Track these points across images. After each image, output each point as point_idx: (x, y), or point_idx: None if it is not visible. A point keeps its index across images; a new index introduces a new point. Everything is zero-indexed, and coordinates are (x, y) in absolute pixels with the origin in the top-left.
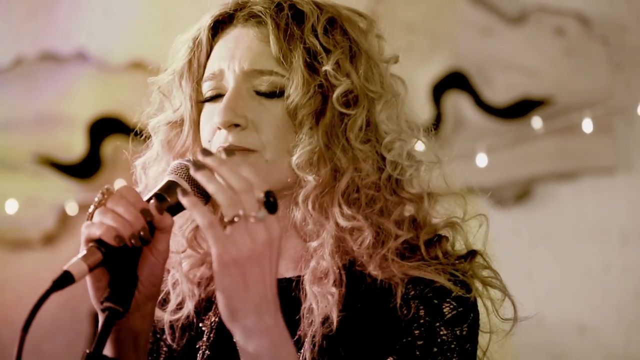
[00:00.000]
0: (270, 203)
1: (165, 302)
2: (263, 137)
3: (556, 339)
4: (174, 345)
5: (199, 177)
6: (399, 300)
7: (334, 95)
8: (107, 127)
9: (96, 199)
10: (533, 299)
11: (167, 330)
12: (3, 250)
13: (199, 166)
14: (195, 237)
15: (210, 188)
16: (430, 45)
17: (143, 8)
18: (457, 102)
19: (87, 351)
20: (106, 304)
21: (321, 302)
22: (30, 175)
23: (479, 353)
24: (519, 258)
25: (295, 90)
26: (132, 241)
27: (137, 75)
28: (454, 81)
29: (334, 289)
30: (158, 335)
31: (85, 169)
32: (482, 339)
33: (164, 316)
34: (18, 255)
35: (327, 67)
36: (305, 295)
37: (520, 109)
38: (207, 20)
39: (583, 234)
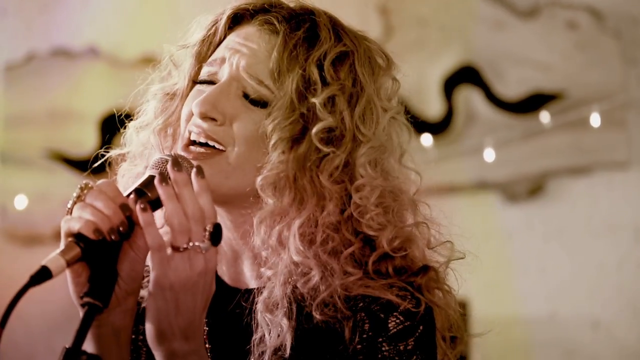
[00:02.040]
0: (216, 236)
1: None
2: (235, 137)
3: (569, 335)
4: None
5: (161, 191)
6: (347, 341)
7: (314, 129)
8: (118, 123)
9: (74, 194)
10: (546, 295)
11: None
12: (14, 245)
13: (164, 178)
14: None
15: (167, 207)
16: (441, 40)
17: (154, 3)
18: (469, 97)
19: (66, 346)
20: (85, 299)
21: (273, 332)
22: (41, 170)
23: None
24: (532, 253)
25: (277, 111)
26: (111, 236)
27: (149, 71)
28: (466, 75)
29: (285, 321)
30: (136, 336)
31: (94, 159)
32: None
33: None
34: (29, 251)
35: (317, 100)
36: (257, 323)
37: (532, 104)
38: (229, 9)
39: (596, 229)
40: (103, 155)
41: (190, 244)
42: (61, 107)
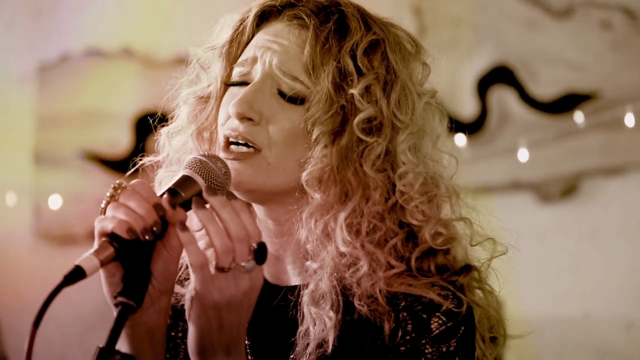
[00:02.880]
0: (260, 254)
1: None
2: (272, 136)
3: (603, 336)
4: None
5: (200, 215)
6: (387, 337)
7: (355, 120)
8: (151, 123)
9: (108, 194)
10: (580, 296)
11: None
12: (49, 245)
13: (200, 204)
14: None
15: (209, 229)
16: (475, 40)
17: (188, 3)
18: (503, 97)
19: (100, 346)
20: (119, 299)
21: (318, 326)
22: (75, 170)
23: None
24: (565, 254)
25: (317, 105)
26: (145, 235)
27: (182, 71)
28: (499, 75)
29: (331, 313)
30: (175, 334)
31: (130, 164)
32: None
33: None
34: (64, 251)
35: (354, 91)
36: (303, 315)
37: (566, 104)
38: (255, 7)
39: (630, 230)
40: (137, 163)
41: (234, 264)
42: (95, 108)
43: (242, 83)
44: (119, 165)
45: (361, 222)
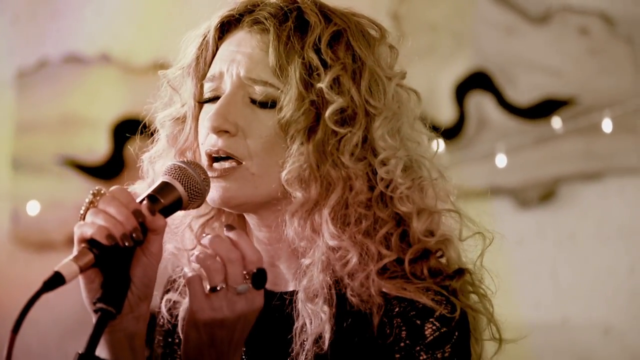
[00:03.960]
0: (258, 279)
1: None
2: (251, 146)
3: (581, 341)
4: None
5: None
6: (375, 329)
7: (327, 113)
8: (130, 129)
9: (87, 200)
10: (558, 300)
11: (180, 328)
12: (27, 251)
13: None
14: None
15: (197, 255)
16: (453, 45)
17: (166, 9)
18: (480, 102)
19: (79, 352)
20: (98, 305)
21: (314, 321)
22: (53, 176)
23: None
24: (543, 259)
25: (288, 105)
26: (124, 241)
27: (161, 77)
28: (477, 81)
29: (325, 308)
30: (172, 340)
31: (109, 170)
32: (490, 347)
33: (179, 313)
34: (42, 257)
35: (322, 84)
36: (298, 313)
37: (544, 109)
38: (215, 20)
39: (608, 235)
40: (118, 169)
41: (224, 285)
42: (73, 113)
43: (215, 98)
44: (97, 171)
45: (347, 213)
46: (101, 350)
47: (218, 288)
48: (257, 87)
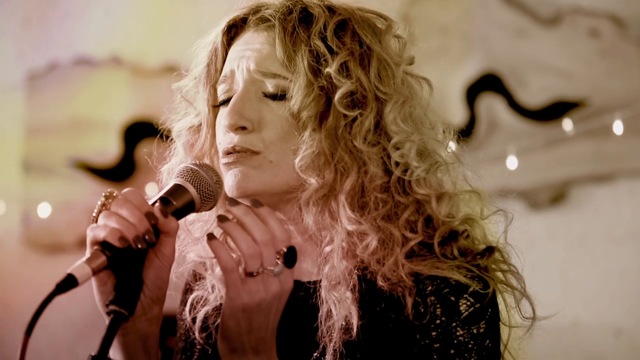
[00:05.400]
0: (290, 257)
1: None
2: (266, 138)
3: (592, 343)
4: (207, 347)
5: (224, 227)
6: (409, 311)
7: (336, 97)
8: (141, 131)
9: (99, 203)
10: (568, 302)
11: (197, 331)
12: (38, 253)
13: (222, 219)
14: (225, 240)
15: (234, 236)
16: (463, 48)
17: (176, 12)
18: (491, 105)
19: (92, 354)
20: (111, 307)
21: (339, 306)
22: (65, 179)
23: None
24: (554, 261)
25: (297, 92)
26: (137, 244)
27: (171, 79)
28: (488, 83)
29: (348, 294)
30: (191, 334)
31: (119, 172)
32: (503, 332)
33: (199, 315)
34: (52, 259)
35: (330, 69)
36: (323, 300)
37: (555, 111)
38: (222, 25)
39: (619, 237)
40: (129, 171)
41: (262, 268)
42: (84, 116)
43: (228, 100)
44: (108, 174)
45: (365, 198)
46: (114, 353)
47: (255, 273)
48: (267, 81)
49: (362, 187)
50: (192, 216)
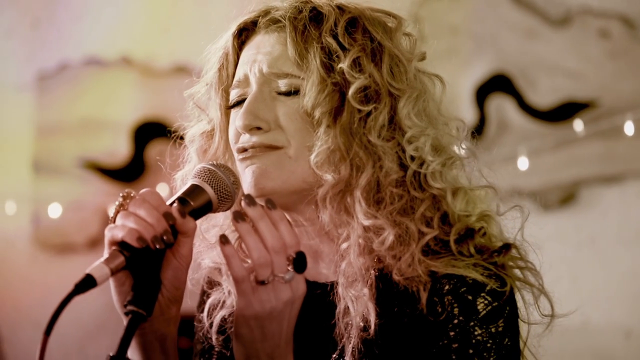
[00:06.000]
0: (300, 263)
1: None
2: (287, 133)
3: (601, 344)
4: (225, 350)
5: (238, 228)
6: (424, 306)
7: (350, 92)
8: (151, 131)
9: (117, 203)
10: (578, 303)
11: (214, 334)
12: (48, 254)
13: (239, 217)
14: (240, 246)
15: (247, 242)
16: (473, 48)
17: (186, 13)
18: (501, 105)
19: (110, 354)
20: (129, 308)
21: (356, 303)
22: (74, 179)
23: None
24: (564, 262)
25: (311, 89)
26: (155, 244)
27: (181, 80)
28: (498, 84)
29: (365, 290)
30: (209, 338)
31: (129, 172)
32: (522, 330)
33: (216, 319)
34: (63, 259)
35: (343, 65)
36: (340, 298)
37: (565, 112)
38: (232, 29)
39: (629, 238)
40: (139, 171)
41: (272, 276)
42: (94, 116)
43: (242, 101)
44: (118, 174)
45: (380, 193)
46: (132, 353)
47: (265, 281)
48: (280, 81)
49: (377, 182)
50: (206, 224)
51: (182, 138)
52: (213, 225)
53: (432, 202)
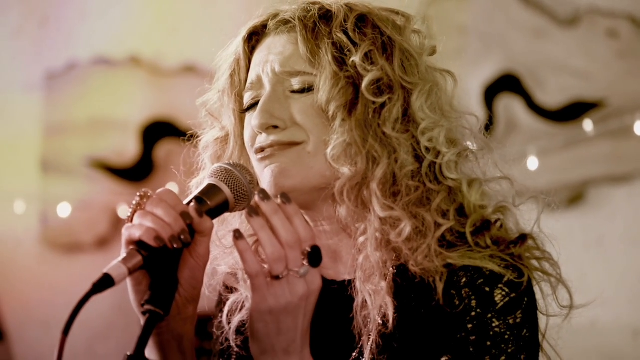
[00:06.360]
0: (315, 257)
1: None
2: (305, 129)
3: (610, 343)
4: (243, 352)
5: (252, 223)
6: (440, 297)
7: (363, 85)
8: (159, 131)
9: (134, 202)
10: (586, 303)
11: (232, 336)
12: (56, 253)
13: (253, 211)
14: (257, 251)
15: (261, 237)
16: (482, 48)
17: (194, 12)
18: (509, 105)
19: (128, 354)
20: (147, 307)
21: (374, 297)
22: (83, 178)
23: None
24: (572, 261)
25: (324, 84)
26: (173, 243)
27: (190, 79)
28: (506, 84)
29: (383, 284)
30: (228, 340)
31: (137, 172)
32: (541, 322)
33: (234, 320)
34: (71, 258)
35: (355, 58)
36: (357, 292)
37: (573, 112)
38: (242, 33)
39: (637, 238)
40: (147, 171)
41: (287, 271)
42: (102, 116)
43: (256, 104)
44: (126, 173)
45: (396, 185)
46: (150, 352)
47: (280, 276)
48: (293, 79)
49: (393, 174)
50: (223, 230)
51: (190, 139)
52: (230, 231)
53: (448, 194)
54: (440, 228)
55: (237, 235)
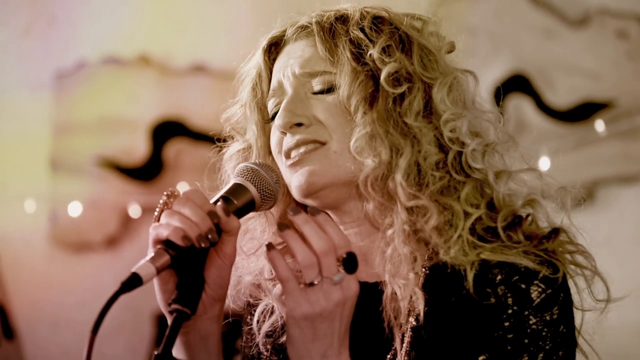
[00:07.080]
0: (350, 263)
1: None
2: (328, 128)
3: (617, 343)
4: (273, 357)
5: (283, 235)
6: (471, 286)
7: (382, 77)
8: (169, 130)
9: (161, 202)
10: (594, 302)
11: (261, 343)
12: (66, 252)
13: (283, 227)
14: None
15: (293, 246)
16: (491, 48)
17: (204, 11)
18: (519, 105)
19: (156, 353)
20: (174, 306)
21: (404, 288)
22: (93, 178)
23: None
24: None
25: (344, 80)
26: (200, 242)
27: (199, 78)
28: (516, 84)
29: (411, 275)
30: (257, 346)
31: (147, 171)
32: (576, 317)
33: (264, 327)
34: (81, 258)
35: (373, 52)
36: (386, 284)
37: (583, 112)
38: (263, 44)
39: None
40: (157, 170)
41: (321, 278)
42: (112, 115)
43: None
44: (135, 173)
45: (421, 175)
46: (177, 352)
47: (315, 282)
48: (314, 80)
49: (417, 164)
50: (241, 237)
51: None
52: (250, 238)
53: (476, 186)
54: (470, 217)
55: (269, 247)
